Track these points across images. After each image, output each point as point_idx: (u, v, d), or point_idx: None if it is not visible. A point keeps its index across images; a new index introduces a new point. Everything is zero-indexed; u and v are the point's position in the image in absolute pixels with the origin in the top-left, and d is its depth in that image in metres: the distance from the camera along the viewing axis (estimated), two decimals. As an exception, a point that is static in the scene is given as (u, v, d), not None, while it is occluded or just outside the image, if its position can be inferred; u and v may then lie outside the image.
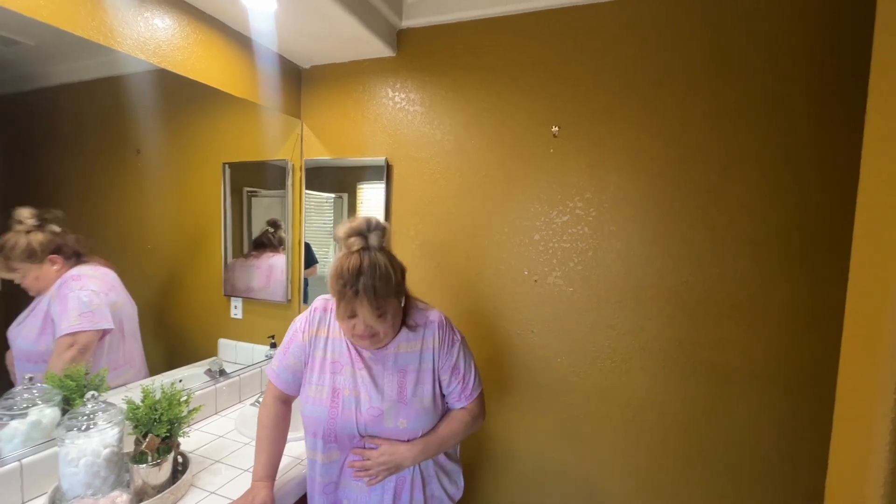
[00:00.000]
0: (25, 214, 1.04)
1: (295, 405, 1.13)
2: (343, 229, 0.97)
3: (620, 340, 1.41)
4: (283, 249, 1.83)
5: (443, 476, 1.13)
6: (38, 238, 1.06)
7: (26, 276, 1.05)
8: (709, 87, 1.28)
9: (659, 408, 1.37)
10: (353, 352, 1.05)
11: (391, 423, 1.01)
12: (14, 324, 1.07)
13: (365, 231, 0.97)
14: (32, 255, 1.04)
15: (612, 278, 1.41)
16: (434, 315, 1.10)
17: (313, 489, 1.07)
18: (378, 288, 0.92)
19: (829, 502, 0.71)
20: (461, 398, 1.09)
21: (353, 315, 0.95)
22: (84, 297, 1.13)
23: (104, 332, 1.19)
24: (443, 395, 1.09)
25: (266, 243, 1.80)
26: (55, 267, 1.09)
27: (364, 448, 1.03)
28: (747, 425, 1.28)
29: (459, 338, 1.11)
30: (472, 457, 1.61)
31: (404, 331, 1.06)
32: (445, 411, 1.11)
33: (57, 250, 1.09)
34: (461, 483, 1.18)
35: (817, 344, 1.21)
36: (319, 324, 1.08)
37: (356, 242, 0.96)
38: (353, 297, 0.92)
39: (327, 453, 1.04)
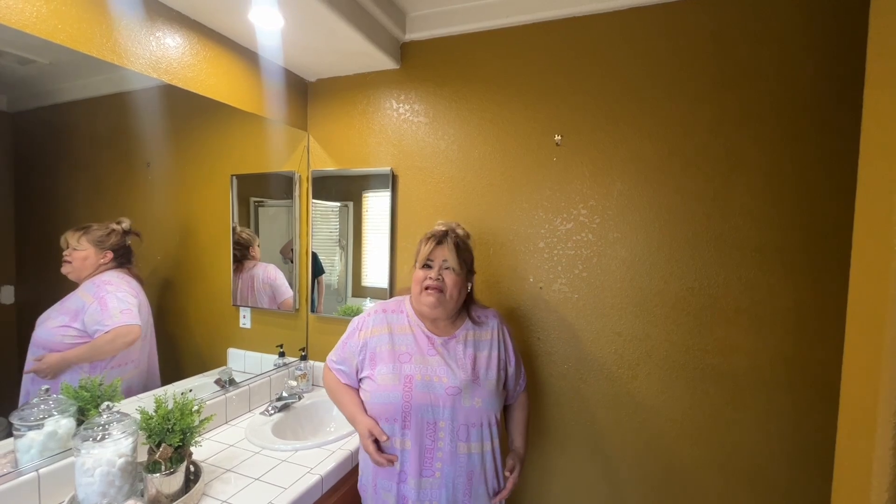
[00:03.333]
0: (125, 221, 1.29)
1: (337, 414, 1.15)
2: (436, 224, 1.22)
3: (626, 347, 1.41)
4: (254, 255, 1.75)
5: (498, 464, 1.17)
6: (112, 239, 1.27)
7: (80, 253, 1.21)
8: (712, 95, 1.29)
9: (666, 414, 1.37)
10: (424, 341, 1.14)
11: (468, 401, 1.08)
12: (45, 312, 1.16)
13: (453, 225, 1.20)
14: (100, 244, 1.24)
15: (617, 285, 1.42)
16: (493, 311, 1.25)
17: (377, 472, 1.10)
18: (460, 245, 1.14)
19: (836, 508, 0.72)
20: (520, 383, 1.25)
21: (428, 265, 1.13)
22: (121, 296, 1.26)
23: None
24: (505, 386, 1.19)
25: (238, 256, 1.71)
26: (103, 260, 1.24)
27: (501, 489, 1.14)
28: (754, 431, 1.28)
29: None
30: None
31: (469, 323, 1.19)
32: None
33: (115, 251, 1.27)
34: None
35: (823, 349, 1.21)
36: (378, 324, 1.18)
37: (443, 226, 1.18)
38: (435, 246, 1.12)
39: (401, 439, 1.07)
